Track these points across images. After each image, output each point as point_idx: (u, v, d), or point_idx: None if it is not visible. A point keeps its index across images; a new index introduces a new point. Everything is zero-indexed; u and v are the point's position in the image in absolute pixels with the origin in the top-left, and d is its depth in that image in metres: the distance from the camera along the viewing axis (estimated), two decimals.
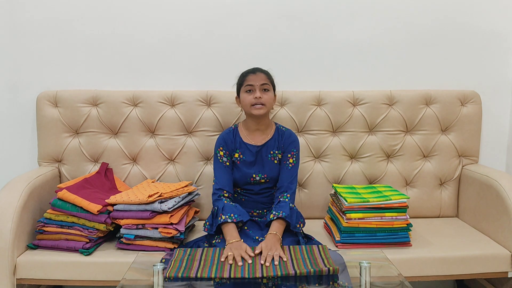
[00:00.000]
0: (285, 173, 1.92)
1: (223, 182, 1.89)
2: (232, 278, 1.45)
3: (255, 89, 1.86)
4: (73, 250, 1.81)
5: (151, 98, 2.23)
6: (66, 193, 1.85)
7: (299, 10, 2.33)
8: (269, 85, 1.89)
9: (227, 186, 1.89)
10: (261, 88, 1.87)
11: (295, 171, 1.95)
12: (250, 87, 1.87)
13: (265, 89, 1.88)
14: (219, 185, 1.89)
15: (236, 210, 1.80)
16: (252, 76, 1.88)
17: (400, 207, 1.89)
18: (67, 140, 2.23)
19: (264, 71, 1.92)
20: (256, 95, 1.85)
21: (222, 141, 1.95)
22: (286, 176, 1.92)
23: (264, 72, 1.91)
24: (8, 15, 2.27)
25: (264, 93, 1.87)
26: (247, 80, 1.88)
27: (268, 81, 1.89)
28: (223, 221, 1.75)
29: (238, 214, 1.78)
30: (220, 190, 1.88)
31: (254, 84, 1.86)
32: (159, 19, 2.30)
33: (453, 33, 2.38)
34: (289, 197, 1.87)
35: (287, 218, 1.77)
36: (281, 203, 1.84)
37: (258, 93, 1.85)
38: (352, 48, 2.36)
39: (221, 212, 1.78)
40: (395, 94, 2.28)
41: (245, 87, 1.88)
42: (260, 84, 1.86)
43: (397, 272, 1.55)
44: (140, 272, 1.60)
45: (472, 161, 2.33)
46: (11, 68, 2.30)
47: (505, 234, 1.91)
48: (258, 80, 1.87)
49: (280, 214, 1.77)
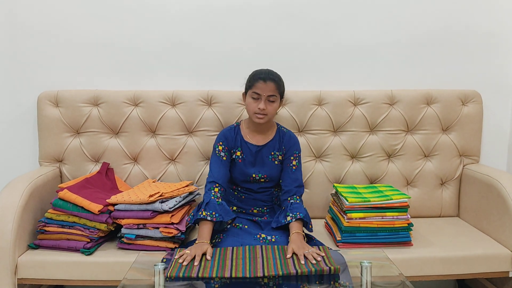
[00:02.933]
0: (289, 176, 1.91)
1: (216, 175, 1.86)
2: (233, 278, 1.45)
3: (261, 98, 1.82)
4: (74, 250, 1.82)
5: (152, 98, 2.23)
6: (67, 193, 1.85)
7: (300, 10, 2.32)
8: (276, 96, 1.84)
9: (220, 180, 1.85)
10: (267, 99, 1.83)
11: (300, 173, 1.94)
12: (257, 95, 1.83)
13: (271, 100, 1.84)
14: (212, 178, 1.86)
15: (219, 209, 1.75)
16: (261, 85, 1.82)
17: (401, 207, 1.89)
18: (68, 140, 2.23)
19: (276, 80, 1.84)
20: (260, 106, 1.81)
21: (223, 137, 1.93)
22: (291, 179, 1.91)
23: (275, 81, 1.83)
24: (9, 15, 2.27)
25: (269, 104, 1.83)
26: (256, 87, 1.83)
27: (277, 92, 1.84)
28: (202, 217, 1.72)
29: (220, 213, 1.74)
30: (212, 183, 1.84)
31: (262, 94, 1.82)
32: (159, 19, 2.30)
33: (454, 32, 2.37)
34: (299, 199, 1.88)
35: (305, 219, 1.77)
36: (294, 205, 1.83)
37: (262, 105, 1.81)
38: (353, 48, 2.36)
39: (203, 208, 1.75)
40: (396, 94, 2.28)
41: (252, 93, 1.84)
42: (267, 96, 1.82)
43: (398, 271, 1.55)
44: (141, 272, 1.60)
45: (473, 160, 2.33)
46: (12, 68, 2.30)
47: (506, 234, 1.91)
48: (266, 91, 1.82)
49: (298, 215, 1.77)
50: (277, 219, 1.83)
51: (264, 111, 1.82)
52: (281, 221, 1.80)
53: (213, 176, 1.86)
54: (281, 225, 1.80)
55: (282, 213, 1.83)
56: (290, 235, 1.73)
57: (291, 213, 1.78)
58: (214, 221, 1.72)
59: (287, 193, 1.89)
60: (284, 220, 1.78)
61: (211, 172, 1.88)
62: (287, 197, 1.89)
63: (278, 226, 1.81)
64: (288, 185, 1.90)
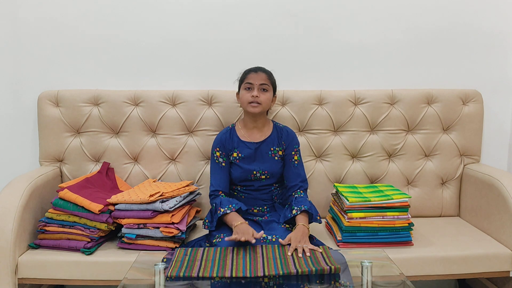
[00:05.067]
0: (292, 172, 1.95)
1: (219, 183, 1.93)
2: (234, 278, 1.44)
3: (254, 87, 1.89)
4: (74, 249, 1.82)
5: (152, 97, 2.23)
6: (68, 193, 1.85)
7: (300, 10, 2.32)
8: (268, 86, 1.91)
9: (222, 187, 1.93)
10: (260, 87, 1.89)
11: (302, 168, 1.98)
12: (250, 85, 1.90)
13: (263, 89, 1.90)
14: (215, 187, 1.93)
15: (233, 201, 1.85)
16: (253, 75, 1.90)
17: (402, 207, 1.89)
18: (69, 139, 2.23)
19: (266, 71, 1.94)
20: (254, 94, 1.87)
21: (219, 142, 1.97)
22: (294, 175, 1.95)
23: (265, 72, 1.93)
24: (10, 14, 2.27)
25: (262, 93, 1.89)
26: (248, 78, 1.91)
27: (268, 82, 1.91)
28: (222, 213, 1.79)
29: (235, 204, 1.83)
30: (216, 191, 1.92)
31: (254, 83, 1.89)
32: (160, 19, 2.30)
33: (455, 32, 2.37)
34: (303, 193, 1.92)
35: (310, 210, 1.81)
36: (299, 198, 1.88)
37: (255, 92, 1.88)
38: (353, 47, 2.36)
39: (219, 206, 1.82)
40: (396, 93, 2.28)
41: (245, 84, 1.91)
42: (259, 84, 1.89)
43: (398, 271, 1.55)
44: (142, 272, 1.60)
45: (474, 160, 2.33)
46: (12, 67, 2.30)
47: (507, 233, 1.91)
48: (258, 80, 1.89)
49: (303, 208, 1.81)
50: (284, 214, 1.87)
51: (257, 99, 1.87)
52: (287, 215, 1.84)
53: (215, 185, 1.94)
54: (287, 219, 1.84)
55: (288, 208, 1.87)
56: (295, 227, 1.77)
57: (296, 206, 1.83)
58: (234, 210, 1.80)
59: (292, 188, 1.94)
60: (290, 214, 1.82)
61: (212, 181, 1.95)
62: (291, 192, 1.93)
63: (286, 220, 1.85)
64: (292, 181, 1.94)
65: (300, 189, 1.93)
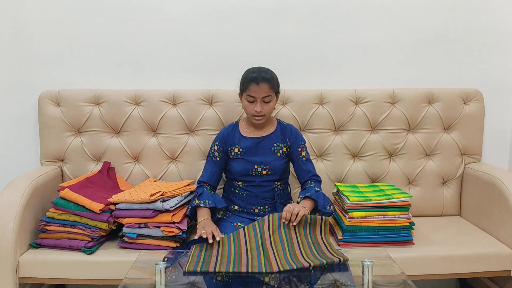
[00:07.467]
0: (302, 168, 1.97)
1: (207, 176, 1.98)
2: (250, 273, 1.49)
3: (256, 101, 1.86)
4: (75, 249, 1.82)
5: (153, 97, 2.23)
6: (69, 192, 1.85)
7: (301, 9, 2.32)
8: (271, 96, 1.88)
9: (210, 180, 1.98)
10: (263, 100, 1.87)
11: (311, 164, 2.00)
12: (252, 98, 1.87)
13: (266, 101, 1.88)
14: (203, 178, 1.98)
15: (212, 198, 1.88)
16: (254, 88, 1.84)
17: (403, 206, 1.89)
18: (69, 139, 2.23)
19: (268, 79, 1.86)
20: (257, 109, 1.86)
21: (221, 136, 2.00)
22: (304, 171, 1.97)
23: (267, 82, 1.85)
24: (10, 14, 2.27)
25: (265, 105, 1.88)
26: (250, 90, 1.86)
27: (271, 91, 1.87)
28: (195, 205, 1.85)
29: (212, 201, 1.87)
30: (202, 183, 1.97)
31: (256, 97, 1.85)
32: (160, 19, 2.30)
33: (455, 31, 2.37)
34: (314, 184, 1.93)
35: (312, 196, 1.83)
36: (307, 188, 1.91)
37: (259, 107, 1.86)
38: (354, 47, 2.36)
39: (197, 197, 1.88)
40: (397, 93, 2.28)
41: (246, 96, 1.88)
42: (262, 97, 1.86)
43: (399, 270, 1.55)
44: (143, 271, 1.60)
45: (475, 159, 2.32)
46: (13, 67, 2.31)
47: (508, 233, 1.91)
48: (260, 93, 1.85)
49: (306, 194, 1.84)
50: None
51: (261, 113, 1.87)
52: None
53: (204, 177, 1.99)
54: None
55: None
56: None
57: (301, 194, 1.87)
58: (207, 207, 1.85)
59: (304, 183, 1.97)
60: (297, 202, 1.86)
61: (203, 172, 2.02)
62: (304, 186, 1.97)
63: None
64: (304, 177, 1.98)
65: (312, 180, 1.95)
